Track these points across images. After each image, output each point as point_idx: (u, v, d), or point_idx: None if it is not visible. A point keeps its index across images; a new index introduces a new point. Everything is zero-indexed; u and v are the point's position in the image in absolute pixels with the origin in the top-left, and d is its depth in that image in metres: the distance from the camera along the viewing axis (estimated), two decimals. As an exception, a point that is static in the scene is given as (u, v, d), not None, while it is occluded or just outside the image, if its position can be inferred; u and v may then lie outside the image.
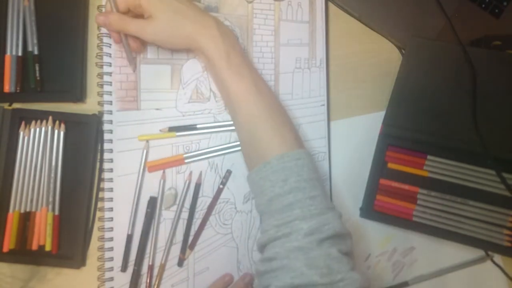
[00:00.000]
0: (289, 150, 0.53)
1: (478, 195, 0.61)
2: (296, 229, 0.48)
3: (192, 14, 0.57)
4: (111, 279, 0.60)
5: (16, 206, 0.59)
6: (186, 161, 0.62)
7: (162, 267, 0.61)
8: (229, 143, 0.63)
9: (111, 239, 0.60)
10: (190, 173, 0.62)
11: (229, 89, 0.56)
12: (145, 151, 0.61)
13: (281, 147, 0.54)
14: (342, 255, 0.48)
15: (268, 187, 0.52)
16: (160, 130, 0.62)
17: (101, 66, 0.61)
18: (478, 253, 0.64)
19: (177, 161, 0.62)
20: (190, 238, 0.62)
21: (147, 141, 0.62)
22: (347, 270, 0.47)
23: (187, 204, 0.62)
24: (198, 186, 0.62)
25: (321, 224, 0.48)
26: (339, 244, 0.49)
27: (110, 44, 0.62)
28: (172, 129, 0.62)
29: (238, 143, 0.63)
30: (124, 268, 0.60)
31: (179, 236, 0.62)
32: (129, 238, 0.60)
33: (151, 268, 0.60)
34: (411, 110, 0.62)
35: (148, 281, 0.60)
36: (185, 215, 0.62)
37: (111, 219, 0.60)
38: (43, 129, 0.60)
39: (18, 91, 0.61)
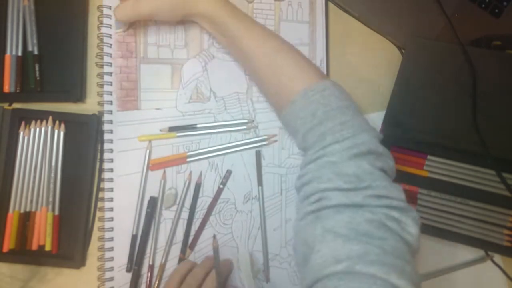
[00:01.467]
0: (312, 83, 0.52)
1: (478, 195, 0.61)
2: (329, 151, 0.48)
3: None
4: (111, 279, 0.60)
5: (16, 206, 0.59)
6: (188, 160, 0.62)
7: (162, 267, 0.61)
8: (230, 143, 0.63)
9: (111, 239, 0.60)
10: (190, 173, 0.62)
11: (241, 41, 0.57)
12: (148, 151, 0.61)
13: (303, 81, 0.53)
14: (375, 168, 0.47)
15: (300, 125, 0.52)
16: (160, 130, 0.62)
17: (101, 66, 0.61)
18: (478, 253, 0.64)
19: (180, 160, 0.62)
20: (190, 238, 0.62)
21: (150, 141, 0.62)
22: (376, 179, 0.46)
23: (187, 204, 0.62)
24: (198, 186, 0.62)
25: (354, 144, 0.47)
26: (373, 160, 0.47)
27: (110, 44, 0.62)
28: (172, 129, 0.62)
29: (239, 143, 0.63)
30: (129, 268, 0.60)
31: (179, 236, 0.62)
32: (134, 239, 0.60)
33: (151, 268, 0.60)
34: (411, 110, 0.62)
35: (148, 281, 0.60)
36: (185, 215, 0.62)
37: (111, 219, 0.60)
38: (43, 129, 0.60)
39: (18, 91, 0.61)
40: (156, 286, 0.60)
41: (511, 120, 0.60)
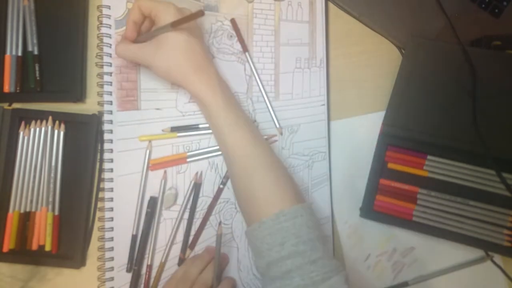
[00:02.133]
0: (286, 207, 0.51)
1: (478, 195, 0.61)
2: None
3: (200, 53, 0.56)
4: (111, 279, 0.60)
5: (16, 206, 0.59)
6: (188, 160, 0.62)
7: (162, 266, 0.61)
8: (229, 143, 0.63)
9: (111, 239, 0.60)
10: (196, 173, 0.62)
11: (226, 140, 0.56)
12: (148, 151, 0.61)
13: (278, 203, 0.51)
14: None
15: (265, 250, 0.50)
16: (163, 130, 0.62)
17: (101, 66, 0.61)
18: (478, 253, 0.64)
19: (180, 160, 0.62)
20: (191, 238, 0.62)
21: (150, 141, 0.62)
22: None
23: (187, 204, 0.62)
24: (198, 186, 0.62)
25: None
26: None
27: (110, 44, 0.62)
28: (174, 129, 0.62)
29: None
30: (130, 268, 0.60)
31: (179, 236, 0.62)
32: (134, 239, 0.60)
33: (149, 268, 0.60)
34: (411, 110, 0.62)
35: (145, 281, 0.60)
36: (185, 215, 0.62)
37: (111, 219, 0.60)
38: (43, 129, 0.60)
39: (18, 91, 0.61)
40: (153, 285, 0.60)
41: (511, 120, 0.60)
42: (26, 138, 0.60)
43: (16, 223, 0.59)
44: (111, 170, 0.61)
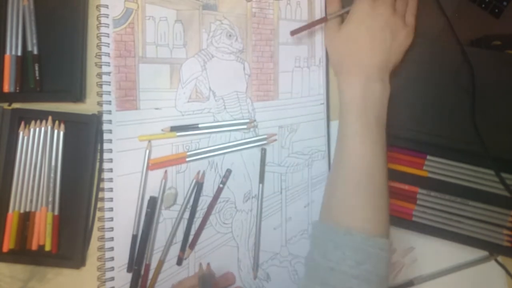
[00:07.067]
0: (377, 234, 0.51)
1: (478, 195, 0.61)
2: None
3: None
4: (112, 279, 0.60)
5: (15, 206, 0.59)
6: (187, 159, 0.62)
7: (160, 264, 0.61)
8: (229, 143, 0.63)
9: (111, 239, 0.60)
10: (198, 173, 0.63)
11: (347, 143, 0.56)
12: (147, 151, 0.61)
13: (373, 227, 0.52)
14: None
15: (338, 257, 0.50)
16: (162, 130, 0.62)
17: (101, 66, 0.61)
18: (478, 253, 0.64)
19: (179, 159, 0.62)
20: (190, 238, 0.62)
21: (149, 141, 0.62)
22: None
23: (188, 204, 0.62)
24: (200, 185, 0.62)
25: None
26: None
27: (109, 44, 0.62)
28: (173, 129, 0.62)
29: (238, 142, 0.63)
30: (130, 268, 0.60)
31: (179, 236, 0.62)
32: (135, 238, 0.61)
33: (147, 267, 0.61)
34: (411, 110, 0.62)
35: (143, 280, 0.60)
36: (185, 214, 0.62)
37: (111, 219, 0.60)
38: (42, 129, 0.60)
39: (17, 91, 0.61)
40: (150, 284, 0.60)
41: (510, 120, 0.60)
42: (26, 138, 0.60)
43: (16, 223, 0.59)
44: (111, 170, 0.61)
